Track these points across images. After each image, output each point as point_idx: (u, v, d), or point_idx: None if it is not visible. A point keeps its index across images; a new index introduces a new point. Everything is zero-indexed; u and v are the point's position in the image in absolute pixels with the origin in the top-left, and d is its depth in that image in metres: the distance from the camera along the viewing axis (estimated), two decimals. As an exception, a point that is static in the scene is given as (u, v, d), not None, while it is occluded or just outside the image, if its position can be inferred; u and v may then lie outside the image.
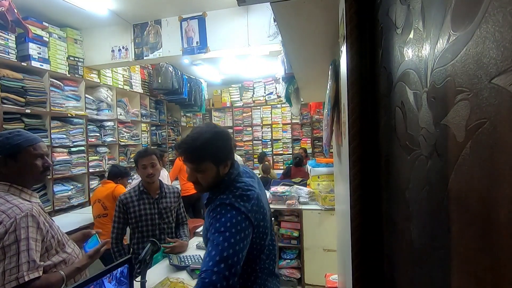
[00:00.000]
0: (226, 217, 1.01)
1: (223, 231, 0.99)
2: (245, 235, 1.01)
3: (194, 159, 1.10)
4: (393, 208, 0.67)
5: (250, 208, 1.06)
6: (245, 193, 1.09)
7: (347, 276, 1.00)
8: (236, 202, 1.05)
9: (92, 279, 0.98)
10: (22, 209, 1.13)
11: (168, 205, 2.13)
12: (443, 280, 0.42)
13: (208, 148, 1.08)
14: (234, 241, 0.97)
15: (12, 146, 1.19)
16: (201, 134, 1.10)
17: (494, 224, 0.30)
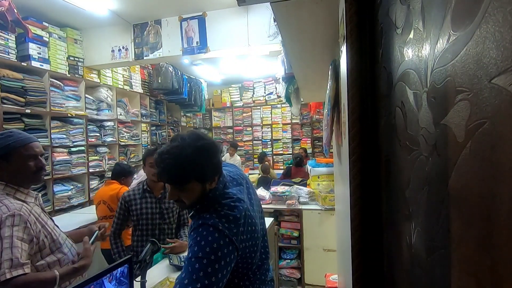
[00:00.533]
0: (207, 240, 0.89)
1: (201, 257, 0.87)
2: (225, 262, 0.90)
3: (176, 180, 0.97)
4: (393, 208, 0.67)
5: (236, 231, 0.94)
6: (231, 212, 0.96)
7: (347, 276, 1.00)
8: (220, 223, 0.92)
9: (92, 279, 0.98)
10: (9, 208, 1.13)
11: (171, 205, 2.14)
12: (443, 280, 0.42)
13: (191, 166, 0.94)
14: (211, 271, 0.86)
15: (3, 147, 1.20)
16: (182, 150, 0.94)
17: (494, 224, 0.30)
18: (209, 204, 0.99)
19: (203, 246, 0.89)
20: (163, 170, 0.96)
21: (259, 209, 1.15)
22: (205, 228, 0.92)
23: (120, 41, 3.74)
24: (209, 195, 1.00)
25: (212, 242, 0.90)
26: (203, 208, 1.00)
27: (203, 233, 0.91)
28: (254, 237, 1.03)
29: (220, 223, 0.93)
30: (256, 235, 1.04)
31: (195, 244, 0.91)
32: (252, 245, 1.02)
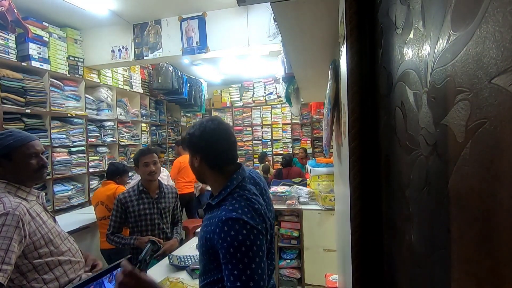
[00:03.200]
0: (241, 236, 0.91)
1: (241, 257, 0.90)
2: (262, 251, 0.94)
3: (188, 148, 1.12)
4: (393, 208, 0.67)
5: (258, 220, 0.97)
6: (251, 204, 0.99)
7: (347, 276, 1.00)
8: (245, 216, 0.95)
9: (92, 279, 0.98)
10: (5, 207, 1.14)
11: (167, 205, 2.14)
12: (443, 280, 0.42)
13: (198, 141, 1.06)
14: (255, 265, 0.91)
15: (4, 147, 1.21)
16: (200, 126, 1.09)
17: (494, 224, 0.30)
18: (229, 195, 1.02)
19: (239, 244, 0.91)
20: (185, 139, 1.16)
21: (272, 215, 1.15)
22: (234, 223, 0.93)
23: (120, 41, 3.74)
24: (228, 184, 1.04)
25: (245, 237, 0.91)
26: (222, 198, 1.02)
27: (235, 227, 0.92)
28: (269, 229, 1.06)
29: (245, 216, 0.94)
30: (269, 228, 1.06)
31: (230, 241, 0.91)
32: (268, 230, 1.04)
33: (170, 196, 2.19)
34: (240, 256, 0.90)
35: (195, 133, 1.08)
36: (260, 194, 1.10)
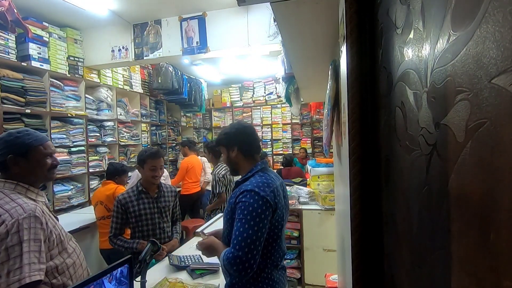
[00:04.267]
0: (249, 202, 1.21)
1: (246, 216, 1.19)
2: (265, 216, 1.21)
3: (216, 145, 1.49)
4: (393, 208, 0.67)
5: (269, 192, 1.24)
6: (267, 181, 1.28)
7: (347, 276, 1.00)
8: (258, 187, 1.24)
9: (92, 279, 0.98)
10: (25, 210, 1.12)
11: (167, 204, 2.15)
12: (443, 280, 0.42)
13: (235, 137, 1.40)
14: (254, 226, 1.18)
15: (23, 145, 1.20)
16: (233, 127, 1.46)
17: (494, 224, 0.30)
18: (251, 176, 1.33)
19: (247, 207, 1.20)
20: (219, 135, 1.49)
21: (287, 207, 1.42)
22: (247, 193, 1.23)
23: (120, 41, 3.74)
24: (252, 169, 1.37)
25: (253, 203, 1.20)
26: (244, 180, 1.33)
27: (247, 196, 1.23)
28: (281, 210, 1.31)
29: (256, 188, 1.24)
30: (283, 211, 1.33)
31: (241, 206, 1.22)
32: (280, 214, 1.30)
33: (169, 195, 2.19)
34: (246, 217, 1.19)
35: (231, 132, 1.42)
36: (280, 183, 1.39)
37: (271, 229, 1.27)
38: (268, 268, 1.30)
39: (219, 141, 1.46)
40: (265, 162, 1.42)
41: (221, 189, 3.26)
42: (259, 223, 1.19)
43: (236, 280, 1.29)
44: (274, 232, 1.29)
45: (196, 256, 1.91)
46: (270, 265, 1.31)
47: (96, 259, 3.05)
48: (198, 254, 1.96)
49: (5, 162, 1.18)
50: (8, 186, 1.19)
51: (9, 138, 1.20)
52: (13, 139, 1.20)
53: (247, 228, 1.18)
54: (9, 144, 1.19)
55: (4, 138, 1.20)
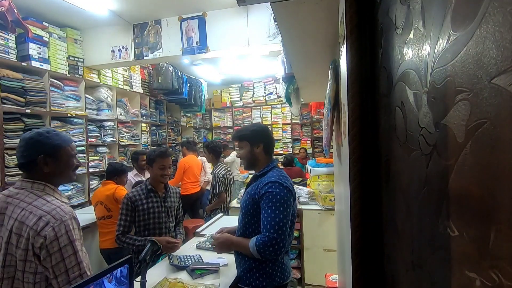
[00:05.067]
0: (276, 191, 1.39)
1: (275, 203, 1.38)
2: (290, 203, 1.42)
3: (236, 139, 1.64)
4: (393, 208, 0.67)
5: (289, 184, 1.46)
6: (284, 175, 1.50)
7: (347, 276, 1.00)
8: (280, 179, 1.44)
9: (92, 279, 0.98)
10: (65, 211, 1.13)
11: (173, 204, 2.18)
12: (443, 280, 0.42)
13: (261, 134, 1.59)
14: (283, 211, 1.37)
15: (54, 146, 1.19)
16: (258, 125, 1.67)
17: (494, 224, 0.30)
18: (269, 171, 1.52)
19: (274, 196, 1.39)
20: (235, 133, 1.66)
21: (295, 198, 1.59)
22: (272, 184, 1.42)
23: (120, 41, 3.74)
24: (269, 165, 1.55)
25: (279, 192, 1.40)
26: (264, 173, 1.52)
27: (272, 186, 1.41)
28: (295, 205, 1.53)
29: (280, 179, 1.44)
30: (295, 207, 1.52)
31: (268, 195, 1.40)
32: (295, 207, 1.52)
33: (174, 196, 2.23)
34: (276, 204, 1.37)
35: (258, 130, 1.59)
36: None
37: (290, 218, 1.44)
38: (283, 254, 1.48)
39: (243, 136, 1.58)
40: (276, 161, 1.62)
41: (221, 189, 3.26)
42: (287, 208, 1.39)
43: (256, 263, 1.46)
44: (291, 220, 1.46)
45: (196, 256, 1.91)
46: (284, 251, 1.47)
47: (96, 259, 3.05)
48: (198, 254, 1.96)
49: (34, 162, 1.17)
50: (37, 187, 1.17)
51: (40, 138, 1.18)
52: (43, 139, 1.18)
53: (278, 214, 1.36)
54: (40, 144, 1.17)
55: (35, 138, 1.18)
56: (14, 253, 1.08)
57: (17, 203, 1.12)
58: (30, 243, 1.06)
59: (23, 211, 1.10)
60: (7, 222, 1.11)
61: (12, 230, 1.08)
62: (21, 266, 1.07)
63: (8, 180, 2.90)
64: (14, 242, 1.07)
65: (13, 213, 1.10)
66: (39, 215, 1.08)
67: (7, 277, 1.08)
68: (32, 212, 1.09)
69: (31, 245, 1.06)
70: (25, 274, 1.07)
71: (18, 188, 1.17)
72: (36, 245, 1.05)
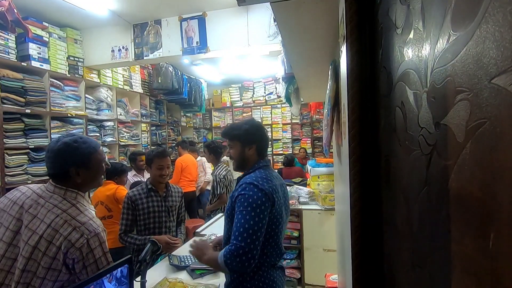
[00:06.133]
0: (249, 194, 1.23)
1: (246, 208, 1.21)
2: (265, 208, 1.24)
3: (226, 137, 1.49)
4: (393, 208, 0.67)
5: (269, 187, 1.27)
6: (266, 176, 1.33)
7: (347, 276, 1.00)
8: (257, 180, 1.28)
9: (92, 279, 0.98)
10: (97, 223, 1.13)
11: (174, 203, 2.18)
12: (443, 280, 0.42)
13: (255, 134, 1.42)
14: (255, 217, 1.20)
15: (84, 155, 1.16)
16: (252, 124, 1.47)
17: (494, 224, 0.30)
18: (253, 171, 1.37)
19: (246, 199, 1.23)
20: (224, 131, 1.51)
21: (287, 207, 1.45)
22: (246, 186, 1.27)
23: (120, 41, 3.74)
24: (255, 166, 1.40)
25: (252, 195, 1.23)
26: (247, 174, 1.38)
27: (246, 188, 1.26)
28: (280, 207, 1.32)
29: (256, 181, 1.27)
30: (282, 208, 1.34)
31: (240, 198, 1.25)
32: (279, 211, 1.31)
33: (176, 195, 2.23)
34: (247, 208, 1.21)
35: (251, 130, 1.42)
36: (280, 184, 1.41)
37: (268, 224, 1.27)
38: (264, 266, 1.30)
39: (236, 136, 1.42)
40: (267, 161, 1.45)
41: (221, 190, 3.26)
42: (259, 214, 1.21)
43: (234, 277, 1.30)
44: (271, 228, 1.29)
45: (196, 256, 1.91)
46: (267, 263, 1.31)
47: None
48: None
49: (65, 173, 1.15)
50: (69, 194, 1.15)
51: (68, 149, 1.14)
52: (72, 150, 1.14)
53: (249, 219, 1.19)
54: (69, 156, 1.14)
55: (63, 149, 1.14)
56: (38, 259, 1.03)
57: (51, 208, 1.09)
58: (62, 252, 1.03)
59: (57, 218, 1.07)
60: (37, 226, 1.06)
61: (42, 235, 1.04)
62: (42, 273, 1.03)
63: (8, 180, 2.90)
64: (43, 248, 1.03)
65: (46, 218, 1.07)
66: (73, 225, 1.06)
67: (23, 282, 1.03)
68: (66, 221, 1.06)
69: (62, 255, 1.03)
70: (44, 281, 1.03)
71: (51, 192, 1.14)
72: (70, 256, 1.03)
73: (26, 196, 1.13)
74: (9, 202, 1.14)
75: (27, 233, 1.06)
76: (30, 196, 1.13)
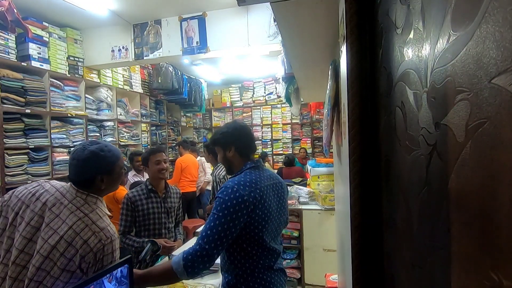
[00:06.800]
0: (224, 199, 1.20)
1: (219, 212, 1.18)
2: (240, 213, 1.19)
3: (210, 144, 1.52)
4: (393, 208, 0.67)
5: (248, 192, 1.22)
6: (249, 180, 1.27)
7: (347, 276, 1.00)
8: (238, 184, 1.23)
9: (92, 279, 0.98)
10: (114, 230, 1.15)
11: (173, 204, 2.18)
12: (443, 280, 0.42)
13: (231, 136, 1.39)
14: (224, 223, 1.17)
15: (110, 164, 1.19)
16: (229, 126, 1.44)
17: (494, 224, 0.30)
18: (237, 175, 1.34)
19: (221, 203, 1.20)
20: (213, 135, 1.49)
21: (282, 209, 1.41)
22: (225, 190, 1.23)
23: (120, 41, 3.74)
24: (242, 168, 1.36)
25: (228, 200, 1.19)
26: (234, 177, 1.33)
27: (224, 192, 1.22)
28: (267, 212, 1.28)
29: (237, 185, 1.23)
30: (269, 214, 1.29)
31: (216, 201, 1.22)
32: (266, 214, 1.27)
33: (175, 196, 2.23)
34: (219, 213, 1.18)
35: (228, 131, 1.40)
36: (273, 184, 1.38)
37: (250, 229, 1.23)
38: (258, 269, 1.28)
39: (215, 141, 1.43)
40: (259, 161, 1.42)
41: (221, 190, 3.26)
42: (230, 220, 1.17)
43: (228, 279, 1.30)
44: (255, 230, 1.25)
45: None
46: (261, 266, 1.28)
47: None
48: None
49: (90, 180, 1.17)
50: (90, 199, 1.16)
51: (96, 159, 1.16)
52: (100, 159, 1.17)
53: (218, 224, 1.16)
54: (98, 165, 1.17)
55: (92, 159, 1.16)
56: (55, 259, 1.04)
57: (74, 210, 1.11)
58: (80, 255, 1.04)
59: (79, 221, 1.08)
60: (59, 226, 1.07)
61: (63, 236, 1.05)
62: (57, 273, 1.04)
63: (8, 180, 2.90)
64: (61, 249, 1.04)
65: (68, 219, 1.08)
66: (93, 230, 1.08)
67: (36, 280, 1.03)
68: (87, 225, 1.08)
69: (79, 257, 1.04)
70: (57, 281, 1.04)
71: (73, 194, 1.15)
72: (86, 260, 1.05)
73: (50, 193, 1.14)
74: (32, 197, 1.14)
75: (48, 231, 1.07)
76: (54, 194, 1.14)
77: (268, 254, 1.30)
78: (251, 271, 1.27)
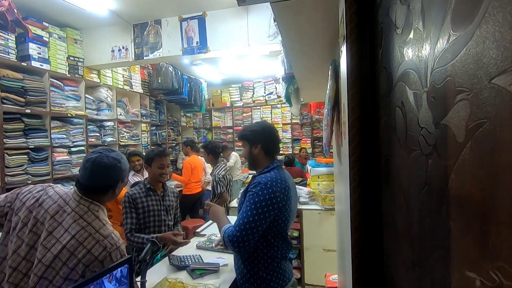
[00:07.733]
0: (258, 194, 1.33)
1: (252, 206, 1.32)
2: (271, 209, 1.33)
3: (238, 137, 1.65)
4: (393, 208, 0.67)
5: (279, 189, 1.36)
6: (279, 177, 1.40)
7: (347, 276, 1.00)
8: (270, 181, 1.36)
9: (92, 279, 0.98)
10: (118, 236, 1.14)
11: (171, 203, 2.19)
12: (443, 280, 0.42)
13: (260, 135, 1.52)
14: (256, 215, 1.31)
15: (124, 171, 1.21)
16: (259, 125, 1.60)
17: (494, 224, 0.30)
18: (265, 172, 1.46)
19: (256, 196, 1.33)
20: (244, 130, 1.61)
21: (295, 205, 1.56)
22: (257, 184, 1.36)
23: (120, 41, 3.74)
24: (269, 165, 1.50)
25: (262, 195, 1.33)
26: (262, 173, 1.46)
27: (257, 187, 1.35)
28: (289, 208, 1.43)
29: (270, 182, 1.36)
30: (291, 209, 1.46)
31: (252, 194, 1.35)
32: (288, 211, 1.42)
33: (172, 195, 2.25)
34: (252, 205, 1.32)
35: (257, 130, 1.53)
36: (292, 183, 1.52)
37: (278, 223, 1.39)
38: (278, 258, 1.43)
39: (243, 136, 1.55)
40: (281, 161, 1.57)
41: (221, 189, 3.26)
42: (262, 213, 1.31)
43: (248, 268, 1.44)
44: (281, 226, 1.40)
45: (196, 256, 1.91)
46: (280, 256, 1.44)
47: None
48: (198, 254, 1.96)
49: (105, 188, 1.17)
50: (93, 207, 1.15)
51: (116, 168, 1.17)
52: (119, 169, 1.18)
53: (250, 215, 1.31)
54: (118, 174, 1.18)
55: (114, 168, 1.17)
56: (57, 268, 1.04)
57: (77, 218, 1.10)
58: (84, 264, 1.04)
59: (82, 230, 1.07)
60: (61, 235, 1.06)
61: (65, 245, 1.04)
62: (59, 282, 1.03)
63: (8, 180, 2.90)
64: (64, 258, 1.04)
65: (71, 228, 1.07)
66: (97, 239, 1.08)
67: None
68: (91, 234, 1.08)
69: (82, 266, 1.04)
70: None
71: (77, 201, 1.14)
72: (92, 269, 1.05)
73: (53, 200, 1.14)
74: (35, 202, 1.13)
75: (50, 239, 1.06)
76: (57, 201, 1.13)
77: (287, 245, 1.48)
78: (271, 260, 1.42)
